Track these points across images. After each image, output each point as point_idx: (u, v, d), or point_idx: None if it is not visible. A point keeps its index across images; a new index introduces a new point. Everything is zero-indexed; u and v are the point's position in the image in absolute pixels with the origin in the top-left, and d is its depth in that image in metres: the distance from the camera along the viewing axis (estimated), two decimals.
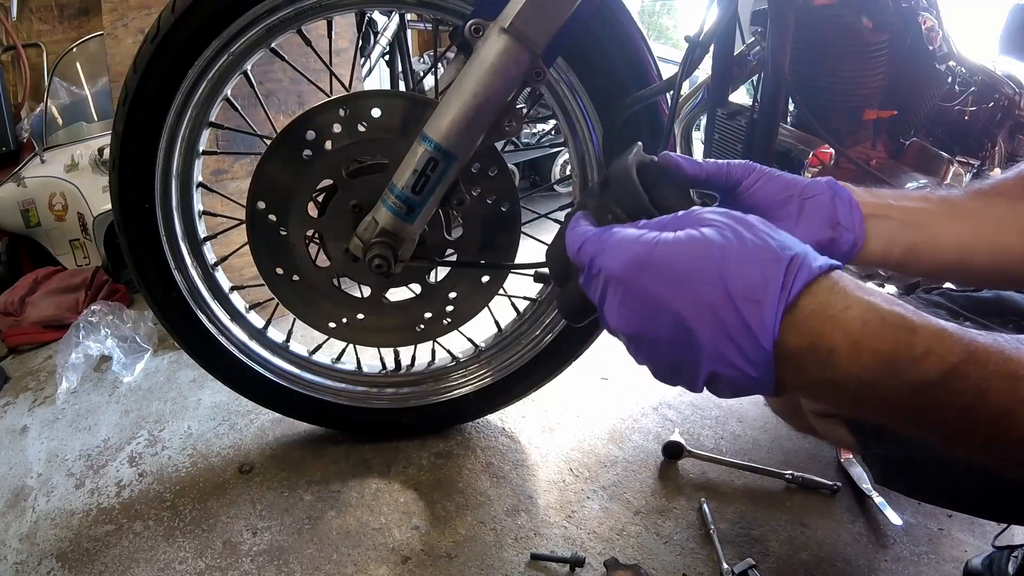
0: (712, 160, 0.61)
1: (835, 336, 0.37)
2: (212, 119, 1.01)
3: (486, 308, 1.08)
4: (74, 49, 2.32)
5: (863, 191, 0.61)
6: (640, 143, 0.56)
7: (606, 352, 1.56)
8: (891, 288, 1.09)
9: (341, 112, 0.89)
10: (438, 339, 1.13)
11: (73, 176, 2.09)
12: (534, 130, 2.97)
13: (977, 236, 0.59)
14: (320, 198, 0.97)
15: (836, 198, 0.59)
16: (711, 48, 0.97)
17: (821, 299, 0.38)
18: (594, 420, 1.31)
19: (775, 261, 0.39)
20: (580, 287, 0.49)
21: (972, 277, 0.62)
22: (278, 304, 1.05)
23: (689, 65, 0.87)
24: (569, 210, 0.55)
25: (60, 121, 2.26)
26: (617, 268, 0.43)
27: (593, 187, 0.56)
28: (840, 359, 0.37)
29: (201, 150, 1.02)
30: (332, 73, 1.07)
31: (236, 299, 1.15)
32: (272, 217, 0.95)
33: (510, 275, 1.05)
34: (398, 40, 2.19)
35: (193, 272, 1.08)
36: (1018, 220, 0.59)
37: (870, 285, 0.40)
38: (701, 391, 0.44)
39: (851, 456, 1.14)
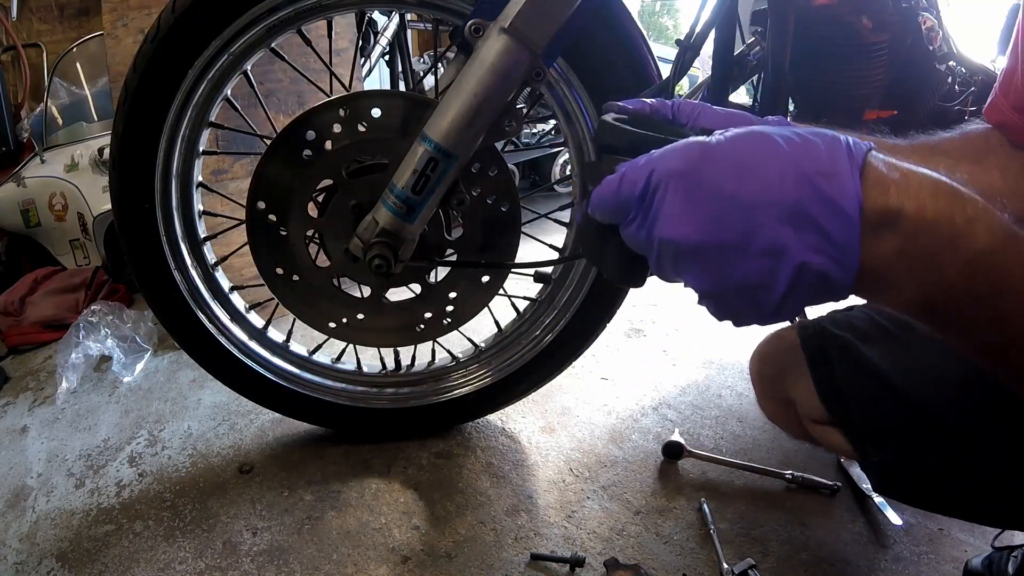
0: (654, 99, 0.60)
1: (901, 199, 0.37)
2: (212, 119, 1.01)
3: (486, 308, 1.08)
4: (74, 49, 2.32)
5: None
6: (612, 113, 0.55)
7: (606, 352, 1.57)
8: None
9: (341, 112, 0.89)
10: (438, 339, 1.13)
11: (73, 176, 2.09)
12: (534, 130, 2.97)
13: None
14: (320, 198, 0.97)
15: None
16: (701, 50, 0.97)
17: (878, 169, 0.38)
18: (594, 420, 1.31)
19: (833, 139, 0.39)
20: (626, 238, 0.45)
21: None
22: (278, 304, 1.05)
23: (680, 68, 0.87)
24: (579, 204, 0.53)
25: (60, 121, 2.26)
26: (677, 164, 0.40)
27: (589, 161, 0.54)
28: (907, 222, 0.37)
29: (201, 150, 1.02)
30: (332, 73, 1.07)
31: (236, 299, 1.15)
32: (272, 217, 0.95)
33: (510, 275, 1.05)
34: (398, 40, 2.20)
35: (193, 272, 1.08)
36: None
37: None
38: (775, 316, 0.40)
39: None
